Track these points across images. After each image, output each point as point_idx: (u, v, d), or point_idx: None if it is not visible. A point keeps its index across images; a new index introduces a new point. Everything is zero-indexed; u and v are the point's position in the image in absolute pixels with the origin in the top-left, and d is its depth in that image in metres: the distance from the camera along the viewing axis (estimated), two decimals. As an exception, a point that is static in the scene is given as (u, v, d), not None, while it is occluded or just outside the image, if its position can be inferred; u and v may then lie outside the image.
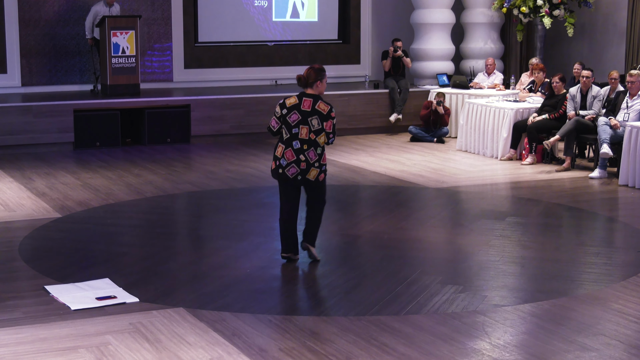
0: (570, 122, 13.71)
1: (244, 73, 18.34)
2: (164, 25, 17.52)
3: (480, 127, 15.16)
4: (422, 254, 9.32)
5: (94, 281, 8.15)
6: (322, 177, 8.73)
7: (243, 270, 8.62)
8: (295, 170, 8.64)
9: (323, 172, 8.74)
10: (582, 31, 18.21)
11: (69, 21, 16.73)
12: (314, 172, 8.66)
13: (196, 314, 7.32)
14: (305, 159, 8.62)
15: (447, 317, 7.31)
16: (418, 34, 18.82)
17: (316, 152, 8.65)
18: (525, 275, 8.64)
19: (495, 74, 17.43)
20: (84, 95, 16.19)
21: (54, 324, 7.09)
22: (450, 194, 12.23)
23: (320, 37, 19.16)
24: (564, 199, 11.82)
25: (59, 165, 13.90)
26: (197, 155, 15.05)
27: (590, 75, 14.00)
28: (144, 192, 12.03)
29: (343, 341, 6.77)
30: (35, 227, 10.17)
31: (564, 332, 6.98)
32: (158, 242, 9.70)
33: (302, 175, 8.64)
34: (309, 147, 8.62)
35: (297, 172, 8.63)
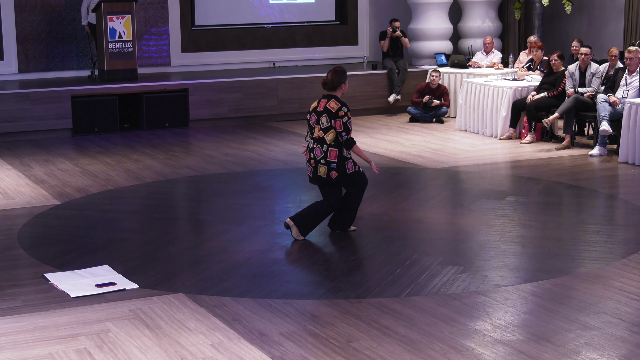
0: (569, 100, 13.67)
1: (241, 56, 18.29)
2: (161, 9, 17.45)
3: (479, 106, 15.12)
4: (423, 235, 9.30)
5: (94, 268, 8.14)
6: (334, 174, 8.83)
7: (243, 255, 8.60)
8: (310, 170, 9.00)
9: (334, 170, 8.82)
10: (580, 8, 18.14)
11: (65, 6, 16.68)
12: (322, 170, 8.85)
13: (196, 300, 7.31)
14: (314, 157, 8.89)
15: (447, 298, 7.30)
16: (415, 14, 18.75)
17: (322, 149, 8.81)
18: (526, 254, 8.62)
19: (494, 53, 17.38)
20: (81, 81, 16.15)
21: (54, 312, 7.08)
22: (450, 174, 12.21)
23: (318, 18, 19.10)
24: (563, 177, 11.79)
25: (58, 151, 13.87)
26: (195, 139, 15.02)
27: (588, 53, 13.95)
28: (143, 178, 12.00)
29: (344, 324, 6.76)
30: (34, 214, 10.15)
31: (565, 311, 6.96)
32: (157, 228, 9.68)
33: (313, 173, 8.93)
34: (317, 145, 8.86)
35: (310, 170, 8.98)
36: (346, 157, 8.89)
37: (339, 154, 8.83)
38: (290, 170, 12.51)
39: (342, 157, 8.85)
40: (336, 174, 8.83)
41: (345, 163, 8.86)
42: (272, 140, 14.61)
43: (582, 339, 6.40)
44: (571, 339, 6.41)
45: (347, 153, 8.89)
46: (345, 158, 8.88)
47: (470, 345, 6.33)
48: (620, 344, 6.31)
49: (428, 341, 6.40)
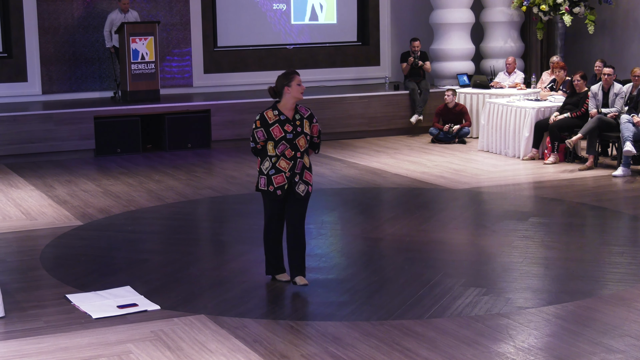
0: (592, 120, 13.62)
1: (263, 77, 18.28)
2: (183, 31, 17.53)
3: (502, 126, 15.08)
4: (445, 256, 9.26)
5: (115, 289, 8.14)
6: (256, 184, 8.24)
7: (264, 276, 8.58)
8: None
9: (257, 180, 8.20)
10: (603, 28, 18.09)
11: (88, 28, 16.77)
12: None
13: (217, 321, 7.29)
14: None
15: (470, 320, 7.25)
16: (437, 34, 18.74)
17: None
18: (549, 276, 8.57)
19: (516, 73, 17.34)
20: (104, 102, 16.22)
21: (76, 333, 7.08)
22: (472, 194, 12.16)
23: (340, 39, 19.13)
24: (587, 198, 11.73)
25: (80, 172, 13.92)
26: (217, 160, 15.04)
27: (611, 73, 13.90)
28: (164, 198, 12.02)
29: (365, 346, 6.72)
30: (57, 235, 10.17)
31: (589, 333, 6.91)
32: (179, 249, 9.68)
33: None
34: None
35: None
36: (262, 170, 8.08)
37: (260, 166, 8.13)
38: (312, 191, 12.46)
39: (260, 169, 8.12)
40: (256, 183, 8.20)
41: (259, 176, 8.12)
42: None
43: (606, 362, 6.35)
44: (595, 362, 6.36)
45: (265, 168, 8.05)
46: (261, 171, 8.09)
47: (493, 368, 6.29)
48: (645, 367, 6.26)
49: (450, 364, 6.37)
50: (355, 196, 12.19)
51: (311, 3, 18.81)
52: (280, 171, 8.02)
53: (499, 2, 18.66)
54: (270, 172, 8.02)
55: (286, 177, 8.03)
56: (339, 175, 13.47)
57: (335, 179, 13.17)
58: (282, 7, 18.55)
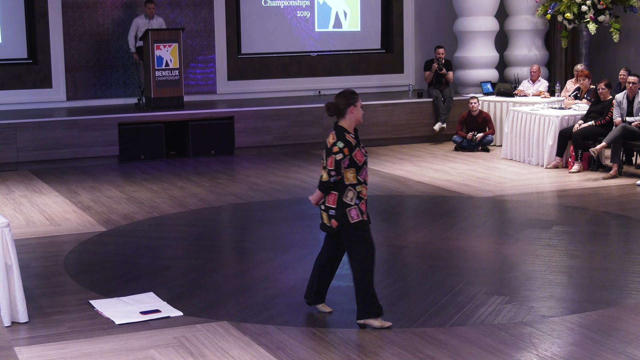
0: (616, 129, 13.56)
1: (287, 84, 18.35)
2: (207, 38, 17.58)
3: (526, 135, 15.04)
4: (468, 265, 9.24)
5: (138, 295, 8.17)
6: (334, 223, 7.35)
7: (287, 283, 8.59)
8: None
9: (334, 218, 7.34)
10: (628, 36, 18.01)
11: (112, 35, 16.85)
12: (324, 217, 7.44)
13: (240, 328, 7.31)
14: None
15: (493, 329, 7.23)
16: (462, 42, 18.72)
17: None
18: (573, 285, 8.53)
19: (540, 81, 17.29)
20: (128, 109, 16.28)
21: (99, 339, 7.11)
22: (496, 203, 12.13)
23: (363, 46, 19.13)
24: (611, 207, 11.67)
25: (104, 178, 13.98)
26: (241, 167, 15.06)
27: (636, 81, 13.83)
28: (188, 205, 12.05)
29: (388, 354, 6.72)
30: (81, 241, 10.22)
31: (613, 343, 6.88)
32: (202, 255, 9.71)
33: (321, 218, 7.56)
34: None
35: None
36: (347, 203, 7.29)
37: (338, 199, 7.30)
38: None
39: (342, 202, 7.29)
40: (336, 222, 7.33)
41: (346, 210, 7.29)
42: (317, 168, 14.62)
43: (630, 371, 6.32)
44: (619, 371, 6.33)
45: (350, 198, 7.29)
46: (346, 204, 7.29)
47: (516, 376, 6.27)
48: (669, 377, 6.22)
49: (473, 372, 6.35)
50: (379, 204, 12.18)
51: (335, 10, 18.83)
52: (362, 199, 7.36)
53: (524, 10, 18.61)
54: (356, 201, 7.30)
55: (366, 204, 7.43)
56: (362, 182, 13.44)
57: (358, 187, 13.14)
58: (306, 14, 18.57)
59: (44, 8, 16.40)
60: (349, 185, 7.27)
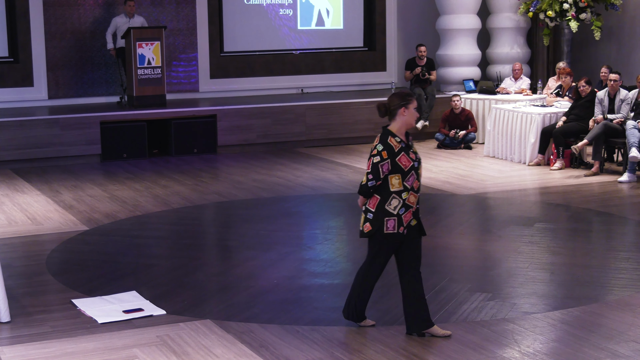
0: (598, 126, 13.61)
1: (270, 82, 18.34)
2: (189, 36, 17.55)
3: (508, 132, 15.07)
4: (451, 262, 9.26)
5: (121, 294, 8.15)
6: (367, 227, 7.01)
7: (270, 281, 8.60)
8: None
9: (369, 222, 6.99)
10: (609, 34, 18.08)
11: (94, 33, 16.79)
12: (361, 220, 7.12)
13: (223, 326, 7.30)
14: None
15: (476, 326, 7.25)
16: (444, 40, 18.75)
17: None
18: (555, 281, 8.57)
19: (522, 79, 17.33)
20: (110, 107, 16.24)
21: (82, 338, 7.09)
22: (478, 200, 12.16)
23: (346, 44, 19.13)
24: (593, 204, 11.72)
25: (86, 177, 13.93)
26: (224, 165, 15.05)
27: (617, 79, 13.89)
28: (171, 203, 12.03)
29: (371, 351, 6.73)
30: (63, 240, 10.19)
31: (595, 339, 6.91)
32: (185, 254, 9.70)
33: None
34: None
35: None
36: (389, 211, 6.89)
37: (379, 205, 6.91)
38: (319, 196, 12.51)
39: (383, 209, 6.91)
40: (370, 227, 6.97)
41: (384, 219, 6.90)
42: (300, 167, 14.62)
43: (612, 367, 6.35)
44: (601, 367, 6.36)
45: (394, 207, 6.89)
46: (387, 212, 6.89)
47: (498, 373, 6.29)
48: (650, 373, 6.26)
49: (456, 369, 6.37)
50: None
51: (318, 8, 18.83)
52: (409, 207, 6.91)
53: (506, 7, 18.65)
54: (401, 211, 6.87)
55: (412, 212, 6.99)
56: (345, 180, 13.47)
57: (342, 184, 13.17)
58: (288, 12, 18.57)
59: (25, 6, 16.33)
60: (394, 192, 6.85)
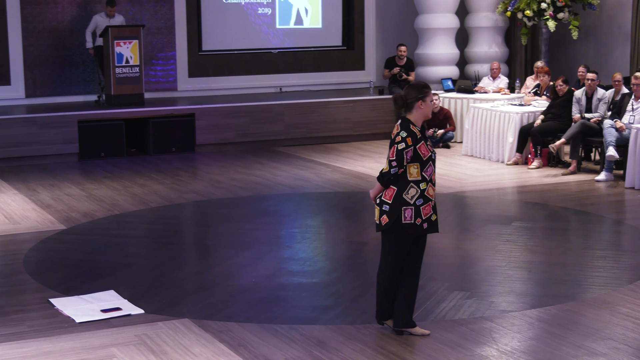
0: (575, 125, 13.67)
1: (248, 81, 18.32)
2: (168, 34, 17.51)
3: (486, 131, 15.12)
4: (429, 260, 9.24)
5: (99, 293, 8.13)
6: (384, 220, 6.85)
7: (249, 280, 8.59)
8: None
9: (385, 214, 6.84)
10: (587, 34, 18.16)
11: (72, 32, 16.73)
12: (376, 212, 6.98)
13: (202, 325, 7.29)
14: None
15: (454, 324, 7.27)
16: (422, 39, 18.78)
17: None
18: (533, 280, 8.60)
19: (500, 78, 17.39)
20: (88, 106, 16.18)
21: (59, 337, 7.06)
22: (457, 199, 12.19)
23: (325, 43, 19.14)
24: (570, 203, 11.77)
25: (64, 176, 13.88)
26: (202, 164, 15.03)
27: (595, 78, 13.95)
28: (149, 202, 12.00)
29: (350, 350, 6.73)
30: (40, 239, 10.14)
31: (572, 337, 6.94)
32: (163, 253, 9.67)
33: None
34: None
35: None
36: (406, 201, 6.76)
37: (396, 195, 6.79)
38: (297, 195, 12.51)
39: (400, 199, 6.78)
40: (387, 219, 6.82)
41: (402, 208, 6.78)
42: (278, 165, 14.62)
43: (589, 365, 6.38)
44: (578, 365, 6.39)
45: (411, 197, 6.76)
46: (404, 202, 6.76)
47: (476, 371, 6.31)
48: (627, 370, 6.29)
49: (434, 367, 6.39)
50: (340, 200, 12.21)
51: (296, 7, 18.82)
52: (429, 200, 6.79)
53: (484, 7, 18.71)
54: (418, 201, 6.74)
55: (432, 206, 6.89)
56: (323, 179, 13.48)
57: (320, 183, 13.18)
58: (267, 11, 18.55)
59: (2, 4, 16.25)
60: (412, 181, 6.74)
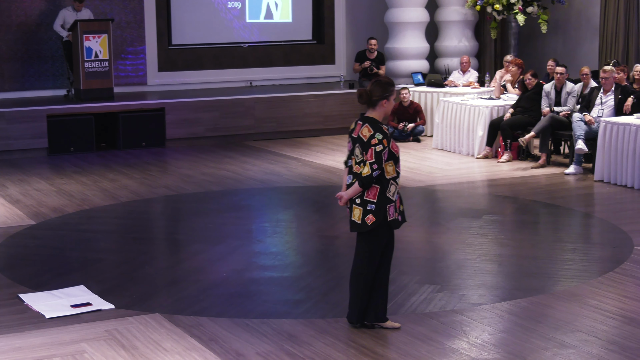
0: (545, 119, 13.74)
1: (218, 75, 18.28)
2: (137, 29, 17.43)
3: (456, 125, 15.16)
4: (399, 254, 9.25)
5: (69, 288, 8.09)
6: (370, 219, 6.85)
7: (220, 274, 8.58)
8: (348, 212, 7.08)
9: (371, 213, 6.84)
10: (556, 28, 18.25)
11: (40, 26, 16.62)
12: (357, 213, 6.92)
13: (173, 320, 7.27)
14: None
15: (424, 317, 7.29)
16: (392, 33, 18.81)
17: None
18: (503, 273, 8.64)
19: (470, 72, 17.44)
20: (57, 101, 16.09)
21: (29, 333, 7.02)
22: (427, 192, 12.22)
23: (295, 37, 19.12)
24: (540, 196, 11.83)
25: (33, 171, 13.80)
26: (172, 158, 14.98)
27: (564, 72, 14.02)
28: (119, 197, 11.95)
29: (321, 344, 6.74)
30: (9, 234, 10.08)
31: (542, 329, 6.97)
32: (133, 248, 9.64)
33: (349, 216, 7.02)
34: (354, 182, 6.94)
35: (349, 214, 7.06)
36: (390, 198, 6.88)
37: (380, 194, 6.84)
38: (268, 189, 12.50)
39: (385, 197, 6.86)
40: (373, 218, 6.86)
41: (387, 206, 6.88)
42: (249, 160, 14.60)
43: (558, 357, 6.41)
44: (548, 357, 6.42)
45: (392, 194, 6.88)
46: (388, 200, 6.87)
47: (447, 364, 6.33)
48: (596, 362, 6.34)
49: (405, 360, 6.40)
50: (311, 194, 12.21)
51: (266, 1, 18.78)
52: (398, 193, 7.00)
53: (454, 1, 18.75)
54: (395, 197, 6.90)
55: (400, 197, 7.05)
56: (294, 173, 13.48)
57: (291, 177, 13.17)
58: (237, 5, 18.50)
59: (-31, -2, 16.15)
60: (391, 179, 6.84)
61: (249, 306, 7.67)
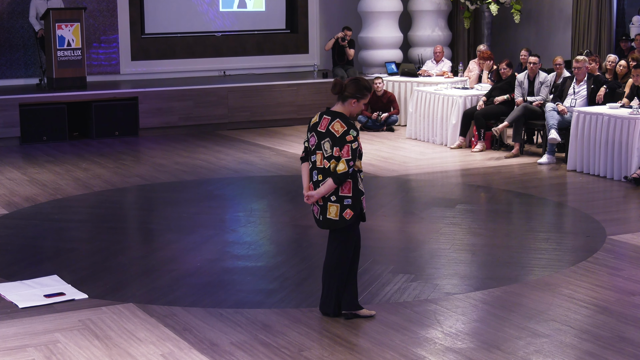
0: (518, 109, 13.78)
1: (191, 64, 18.23)
2: (110, 17, 17.34)
3: (430, 114, 15.18)
4: (373, 244, 9.30)
5: (42, 278, 8.05)
6: (348, 214, 6.83)
7: (193, 264, 8.56)
8: (316, 210, 6.97)
9: (349, 208, 6.81)
10: (529, 17, 18.31)
11: (12, 14, 16.50)
12: (333, 210, 6.85)
13: (146, 309, 7.25)
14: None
15: (398, 307, 7.31)
16: (366, 23, 18.81)
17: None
18: (476, 262, 8.66)
19: (444, 62, 17.47)
20: (29, 89, 15.99)
21: (1, 323, 6.98)
22: (401, 182, 12.24)
23: (268, 27, 19.09)
24: (513, 185, 11.87)
25: (5, 160, 13.71)
26: (145, 148, 14.93)
27: (537, 62, 14.07)
28: (92, 187, 11.90)
29: (295, 333, 6.74)
30: (-18, 224, 10.03)
31: (515, 318, 7.01)
32: (107, 237, 9.60)
33: (322, 214, 6.92)
34: (324, 178, 6.81)
35: (317, 211, 6.97)
36: (362, 191, 6.90)
37: (354, 187, 6.83)
38: (241, 178, 12.48)
39: (358, 190, 6.86)
40: (351, 212, 6.82)
41: (361, 198, 6.88)
42: (222, 149, 14.57)
43: (532, 346, 6.45)
44: (521, 346, 6.45)
45: (362, 187, 6.92)
46: (361, 192, 6.89)
47: (421, 353, 6.35)
48: (569, 351, 6.37)
49: (379, 349, 6.41)
50: (284, 184, 12.20)
51: (240, -10, 18.75)
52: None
53: (427, -10, 18.79)
54: (364, 190, 6.99)
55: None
56: (267, 162, 13.47)
57: (264, 167, 13.16)
58: (210, -6, 18.46)
59: (-60, -14, 16.00)
60: (358, 172, 6.88)
61: (222, 296, 7.66)
